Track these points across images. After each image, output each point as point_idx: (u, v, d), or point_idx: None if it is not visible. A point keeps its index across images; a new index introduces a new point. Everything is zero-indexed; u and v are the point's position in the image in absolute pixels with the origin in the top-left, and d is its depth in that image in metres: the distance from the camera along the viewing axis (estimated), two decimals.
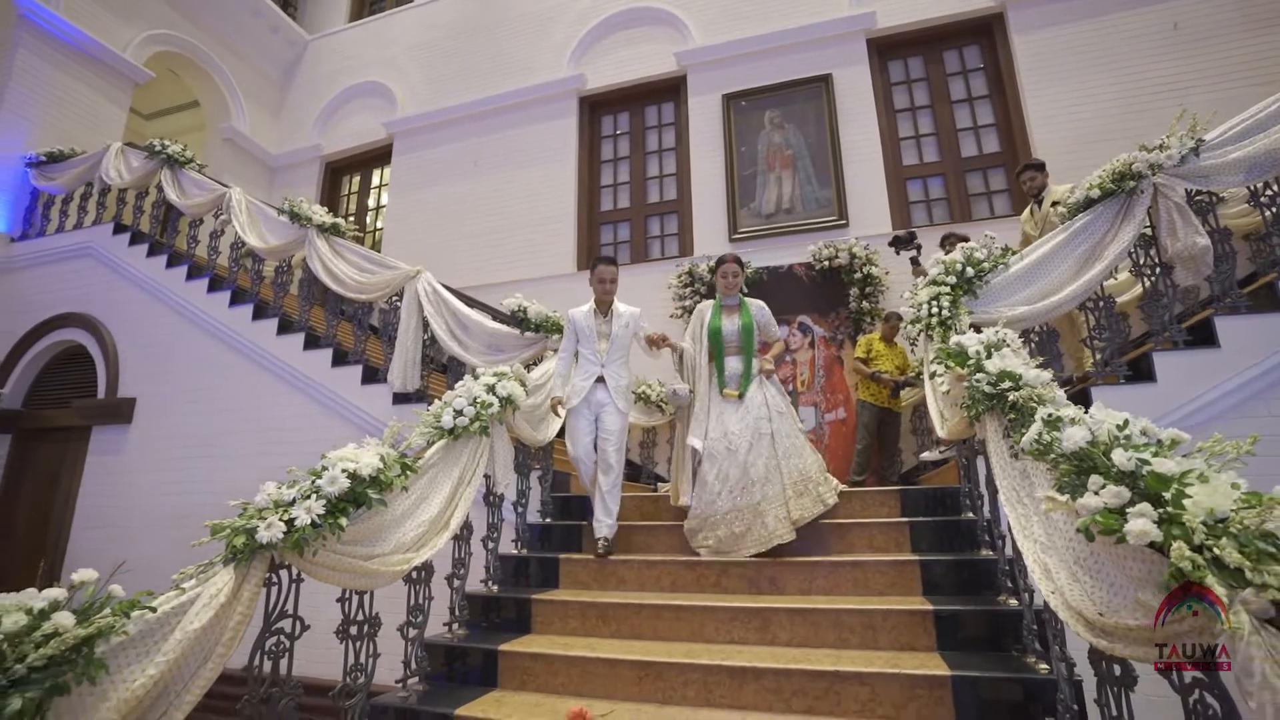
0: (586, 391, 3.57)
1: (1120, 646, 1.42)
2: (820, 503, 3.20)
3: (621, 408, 3.61)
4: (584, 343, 3.68)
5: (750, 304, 3.68)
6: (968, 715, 2.08)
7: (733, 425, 3.31)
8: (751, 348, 3.52)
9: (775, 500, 3.13)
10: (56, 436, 5.89)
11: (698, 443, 3.40)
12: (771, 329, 3.71)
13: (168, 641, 1.70)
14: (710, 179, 7.05)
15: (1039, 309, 3.27)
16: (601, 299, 3.72)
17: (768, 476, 3.17)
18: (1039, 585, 1.69)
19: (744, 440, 3.25)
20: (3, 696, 1.41)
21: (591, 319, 3.70)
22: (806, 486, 3.20)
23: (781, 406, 3.43)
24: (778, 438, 3.28)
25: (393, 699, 2.48)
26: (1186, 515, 1.22)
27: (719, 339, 3.57)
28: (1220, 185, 3.25)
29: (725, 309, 3.68)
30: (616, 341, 3.66)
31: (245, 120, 9.01)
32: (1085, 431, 1.55)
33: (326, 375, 4.70)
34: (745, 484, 3.17)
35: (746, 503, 3.14)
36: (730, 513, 3.17)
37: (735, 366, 3.52)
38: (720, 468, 3.25)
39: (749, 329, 3.55)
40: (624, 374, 3.68)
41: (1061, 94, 6.08)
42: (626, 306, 3.79)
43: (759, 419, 3.31)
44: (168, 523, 4.91)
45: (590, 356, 3.65)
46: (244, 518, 2.01)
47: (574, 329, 3.70)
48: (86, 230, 6.19)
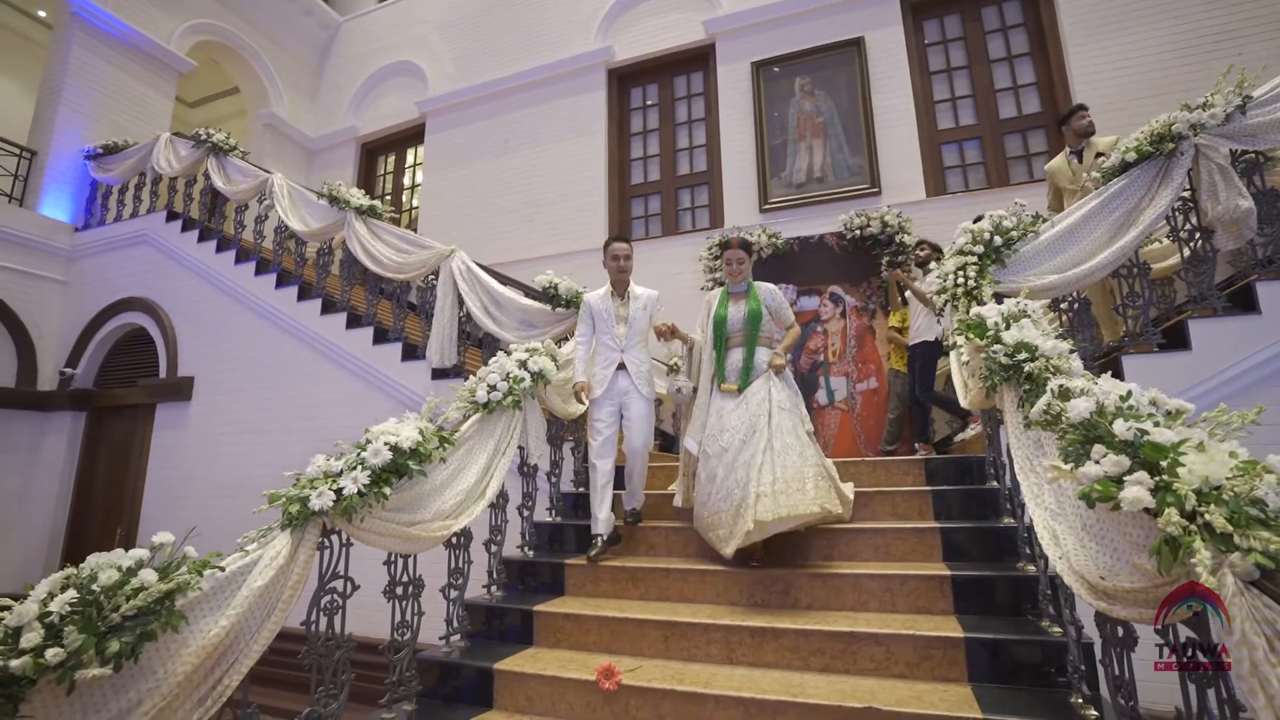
0: (609, 380, 3.42)
1: (1119, 609, 1.48)
2: (817, 504, 2.75)
3: (645, 393, 3.46)
4: (601, 328, 3.51)
5: (760, 288, 3.35)
6: (979, 675, 2.16)
7: (729, 421, 3.05)
8: (756, 338, 3.21)
9: (752, 498, 2.78)
10: (126, 413, 6.33)
11: (693, 445, 3.20)
12: (784, 315, 3.35)
13: (236, 597, 1.90)
14: (740, 149, 6.98)
15: (1070, 277, 3.22)
16: (617, 279, 3.58)
17: (760, 470, 2.83)
18: (1048, 550, 1.74)
19: (737, 437, 2.97)
20: (103, 640, 1.61)
21: (608, 302, 3.54)
22: (803, 485, 2.79)
23: (785, 402, 3.07)
24: (776, 433, 2.93)
25: (436, 654, 2.68)
26: (1179, 484, 1.26)
27: (722, 328, 3.28)
28: (1269, 144, 3.12)
29: (733, 296, 3.38)
30: (635, 325, 3.50)
31: (284, 105, 9.25)
32: (1091, 402, 1.58)
33: (368, 352, 4.92)
34: (731, 486, 2.89)
35: (728, 505, 2.88)
36: (715, 515, 2.94)
37: (736, 359, 3.23)
38: (710, 467, 3.03)
39: (755, 316, 3.22)
40: (644, 358, 3.54)
41: (1107, 49, 5.81)
42: (644, 289, 3.64)
43: (756, 414, 3.00)
44: (225, 491, 5.26)
45: (609, 342, 3.48)
46: (298, 487, 2.19)
47: (590, 314, 3.55)
48: (142, 219, 6.53)
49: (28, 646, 1.51)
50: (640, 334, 3.53)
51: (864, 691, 2.09)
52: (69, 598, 1.63)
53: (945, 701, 2.00)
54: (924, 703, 1.99)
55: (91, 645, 1.59)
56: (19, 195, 6.79)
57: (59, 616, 1.60)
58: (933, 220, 5.81)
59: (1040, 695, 2.04)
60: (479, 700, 2.50)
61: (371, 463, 2.26)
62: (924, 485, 3.32)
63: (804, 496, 2.75)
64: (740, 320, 3.25)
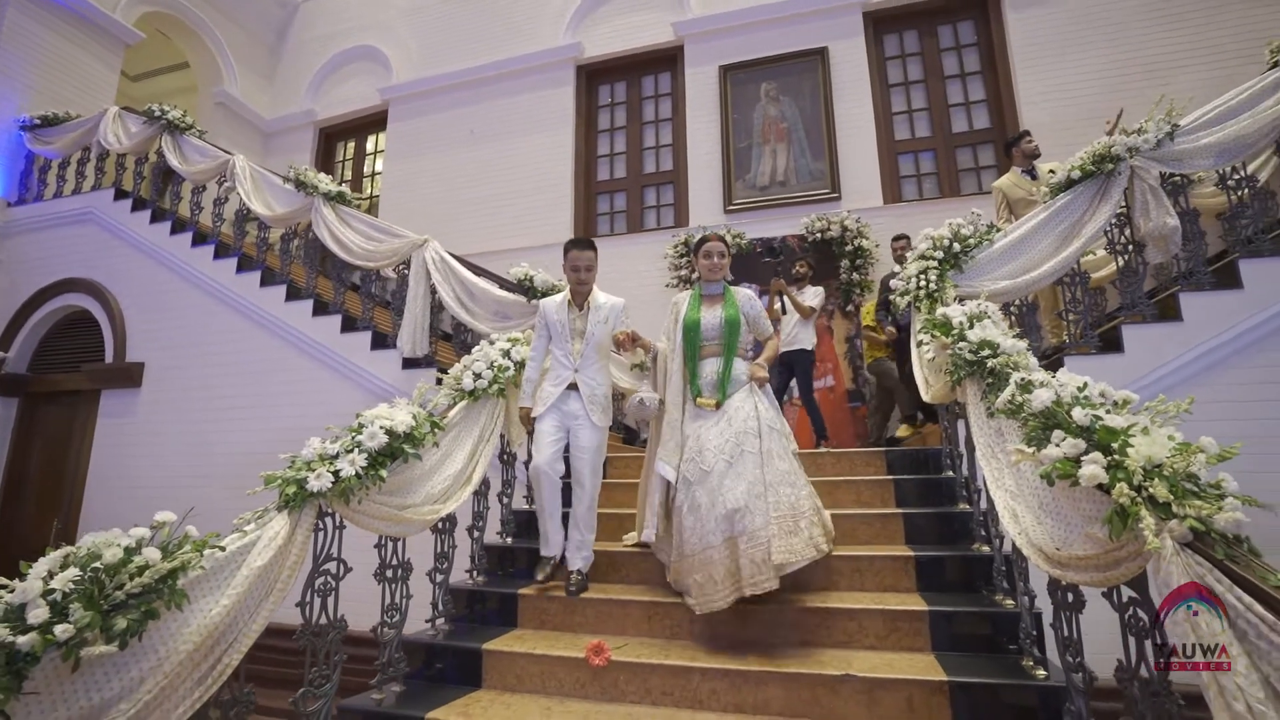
0: (555, 399, 3.01)
1: (1072, 574, 1.68)
2: (813, 546, 2.49)
3: (598, 422, 3.01)
4: (556, 340, 3.08)
5: (737, 293, 3.01)
6: (942, 644, 2.36)
7: (710, 441, 2.65)
8: (735, 347, 2.87)
9: (755, 538, 2.42)
10: (64, 400, 6.01)
11: (669, 471, 2.77)
12: (763, 325, 3.01)
13: (236, 576, 1.91)
14: (706, 150, 7.15)
15: (1020, 283, 3.49)
16: (577, 291, 3.14)
17: (749, 506, 2.46)
18: (1008, 528, 1.93)
19: (722, 459, 2.59)
20: (108, 618, 1.61)
21: (565, 312, 3.09)
22: (797, 524, 2.49)
23: (775, 421, 2.75)
24: (767, 459, 2.58)
25: (423, 636, 2.72)
26: (1129, 461, 1.45)
27: (695, 335, 2.91)
28: (1192, 168, 3.46)
29: (706, 299, 3.02)
30: (593, 340, 3.06)
31: (237, 84, 8.91)
32: (1051, 393, 1.78)
33: (336, 341, 4.85)
34: (718, 515, 2.49)
35: (721, 538, 2.48)
36: (703, 552, 2.50)
37: (713, 370, 2.87)
38: (692, 495, 2.61)
39: (733, 323, 2.88)
40: (602, 380, 3.07)
41: (1052, 72, 6.22)
42: (608, 297, 3.18)
43: (743, 434, 2.63)
44: (183, 481, 5.09)
45: (563, 358, 3.05)
46: (293, 469, 2.20)
47: (545, 323, 3.11)
48: (86, 195, 6.21)
49: (35, 623, 1.51)
50: (598, 350, 3.09)
51: (840, 660, 2.26)
52: (71, 575, 1.63)
53: (913, 668, 2.18)
54: (894, 669, 2.17)
55: (98, 622, 1.59)
56: None
57: (62, 594, 1.59)
58: (890, 226, 6.09)
59: (996, 660, 2.25)
60: (467, 680, 2.55)
61: (368, 445, 2.29)
62: (885, 475, 3.54)
63: (798, 539, 2.46)
64: (716, 326, 2.90)
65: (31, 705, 1.51)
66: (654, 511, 2.89)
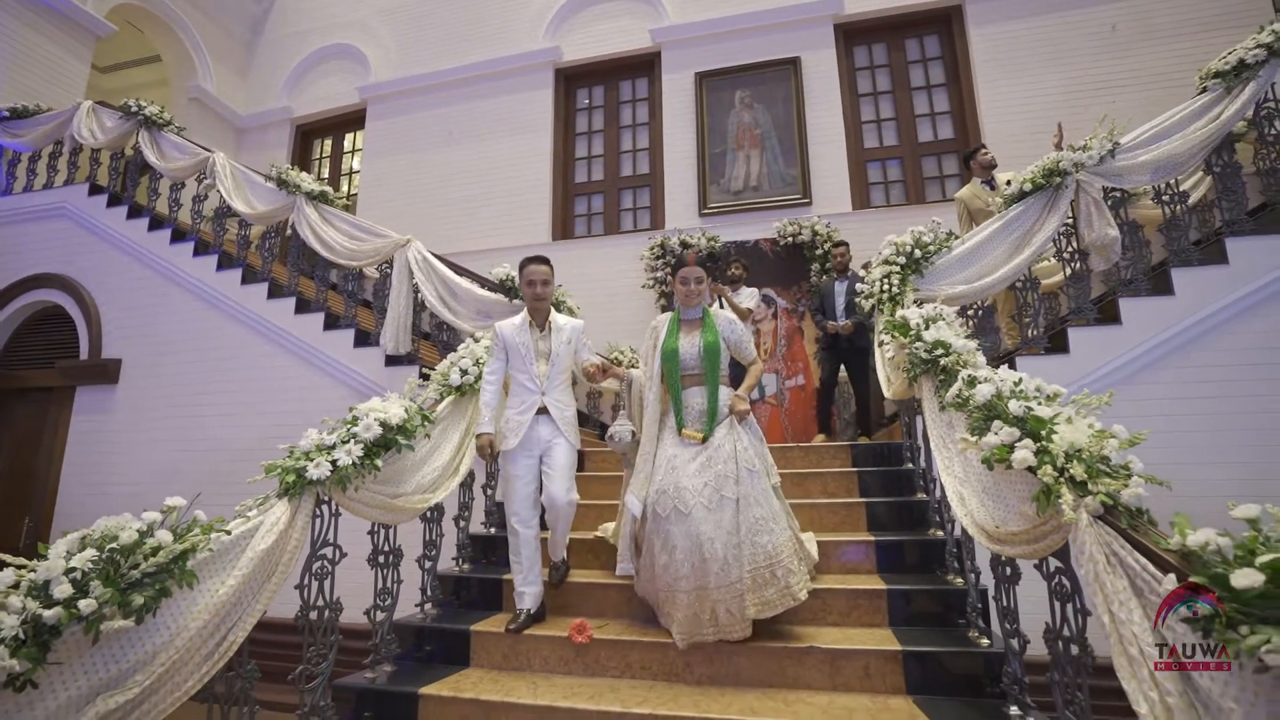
0: (525, 427, 2.84)
1: (1009, 549, 1.89)
2: (789, 596, 2.41)
3: (572, 440, 2.91)
4: (516, 365, 2.93)
5: (717, 317, 2.86)
6: (898, 620, 2.57)
7: (687, 479, 2.53)
8: (718, 375, 2.74)
9: (730, 591, 2.40)
10: (36, 396, 5.94)
11: (635, 504, 2.65)
12: (746, 349, 2.87)
13: (242, 558, 2.03)
14: (682, 155, 7.33)
15: (976, 288, 3.74)
16: (534, 307, 3.02)
17: (726, 560, 2.40)
18: (955, 510, 2.14)
19: (699, 502, 2.48)
20: (125, 595, 1.72)
21: (525, 334, 2.95)
22: (774, 573, 2.41)
23: (754, 462, 2.61)
24: (744, 506, 2.49)
25: (413, 619, 2.85)
26: (1053, 446, 1.66)
27: (675, 363, 2.77)
28: (1131, 184, 3.74)
29: (685, 324, 2.87)
30: (558, 362, 2.94)
31: (211, 79, 8.84)
32: (993, 388, 1.99)
33: (319, 338, 4.91)
34: (696, 561, 2.43)
35: (697, 584, 2.43)
36: (680, 594, 2.46)
37: (698, 401, 2.73)
38: (666, 534, 2.50)
39: (713, 350, 2.73)
40: (569, 402, 2.98)
41: (1013, 86, 6.54)
42: (567, 318, 3.10)
43: (722, 477, 2.52)
44: (158, 479, 5.10)
45: (527, 383, 2.90)
46: (292, 459, 2.32)
47: (503, 347, 2.96)
48: (59, 190, 6.14)
49: (60, 598, 1.61)
50: (564, 372, 2.98)
51: (805, 635, 2.46)
52: (89, 555, 1.73)
53: (871, 640, 2.39)
54: (853, 641, 2.38)
55: (117, 599, 1.70)
56: None
57: (82, 573, 1.70)
58: (857, 231, 6.35)
59: (945, 632, 2.46)
60: (456, 660, 2.69)
61: (363, 437, 2.41)
62: (850, 467, 3.75)
63: (773, 589, 2.41)
64: (697, 354, 2.76)
65: (55, 675, 1.62)
66: (629, 544, 2.82)
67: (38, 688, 1.57)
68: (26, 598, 1.59)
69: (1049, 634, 1.80)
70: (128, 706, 1.71)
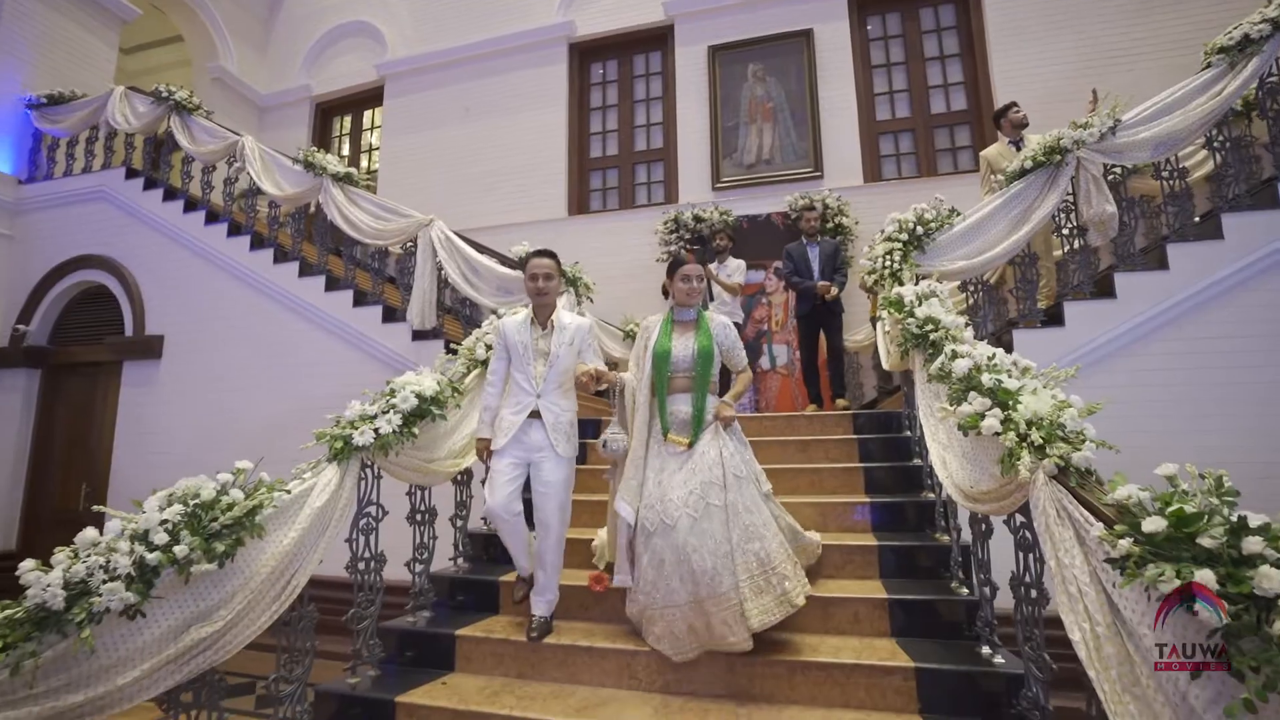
0: (516, 429, 2.72)
1: (982, 506, 2.11)
2: (786, 603, 2.35)
3: (564, 453, 2.76)
4: (516, 364, 2.81)
5: (712, 321, 2.79)
6: (888, 572, 2.82)
7: (674, 491, 2.49)
8: (709, 380, 2.69)
9: (724, 601, 2.32)
10: (86, 371, 6.33)
11: (628, 511, 2.58)
12: (737, 356, 2.83)
13: (300, 514, 2.31)
14: (695, 128, 7.42)
15: (976, 263, 3.88)
16: (537, 302, 2.89)
17: (715, 569, 2.35)
18: (939, 473, 2.36)
19: (684, 513, 2.43)
20: (209, 543, 2.01)
21: (526, 332, 2.84)
22: (769, 580, 2.37)
23: (740, 468, 2.57)
24: (733, 513, 2.44)
25: (447, 572, 3.15)
26: (1016, 415, 1.86)
27: (665, 366, 2.69)
28: (1131, 160, 3.83)
29: (678, 325, 2.80)
30: (557, 364, 2.79)
31: (233, 59, 9.02)
32: (970, 361, 2.18)
33: (348, 314, 5.18)
34: (683, 574, 2.39)
35: (687, 598, 2.38)
36: (668, 609, 2.41)
37: (683, 406, 2.67)
38: (654, 548, 2.47)
39: (707, 354, 2.68)
40: (567, 406, 2.83)
41: (1027, 55, 6.51)
42: (573, 316, 2.94)
43: (708, 484, 2.48)
44: (204, 446, 5.46)
45: (524, 383, 2.78)
46: (339, 428, 2.59)
47: (505, 344, 2.85)
48: (97, 174, 6.43)
49: (159, 544, 1.91)
50: (563, 375, 2.83)
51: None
52: (177, 510, 2.02)
53: (861, 590, 2.64)
54: (846, 590, 2.63)
55: (202, 545, 1.99)
56: None
57: (173, 524, 1.99)
58: (868, 204, 6.45)
59: (930, 584, 2.71)
60: (486, 607, 2.99)
61: (401, 407, 2.68)
62: (851, 434, 3.96)
63: (769, 596, 2.35)
64: (689, 357, 2.70)
65: (157, 608, 1.92)
66: (624, 554, 2.64)
67: (145, 617, 1.87)
68: (133, 543, 1.88)
69: (1014, 580, 2.03)
70: (214, 636, 2.01)
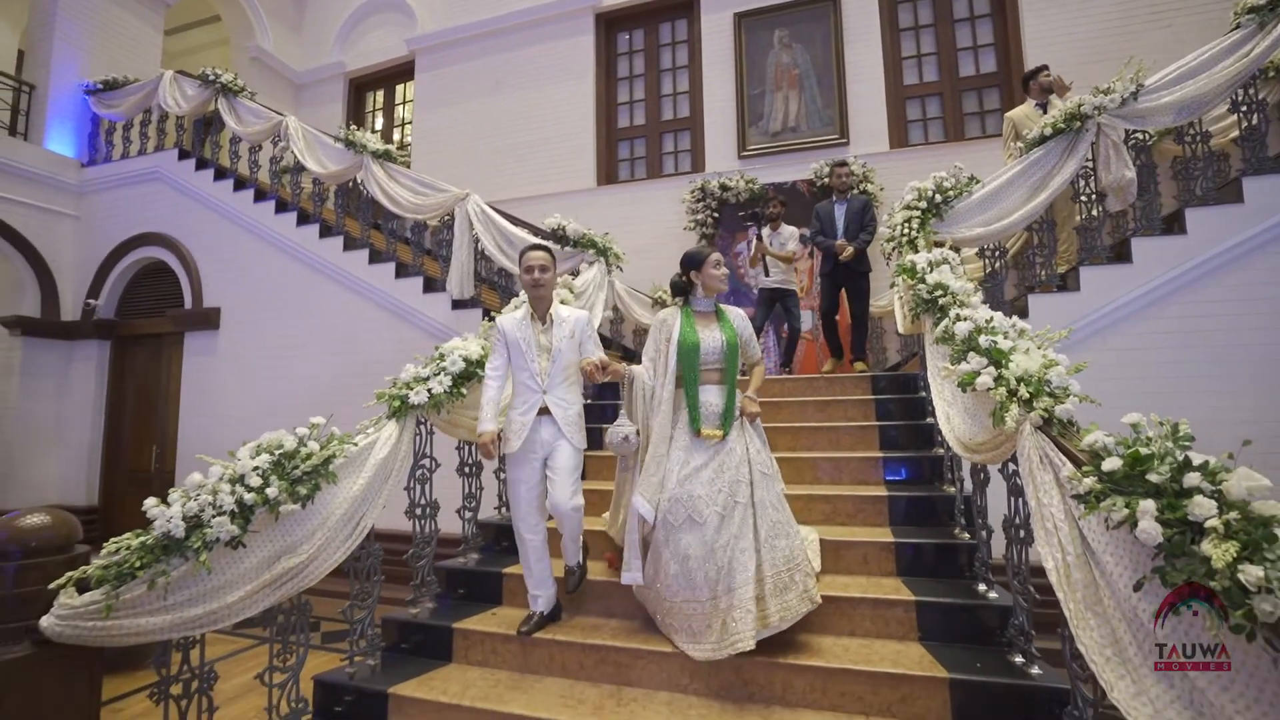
0: (528, 429, 2.69)
1: (978, 456, 2.31)
2: (808, 599, 2.38)
3: (576, 443, 2.73)
4: (518, 362, 2.77)
5: (731, 313, 2.80)
6: (897, 520, 3.04)
7: (700, 487, 2.48)
8: (735, 373, 2.69)
9: (746, 600, 2.32)
10: (150, 342, 6.81)
11: (647, 509, 2.53)
12: (753, 348, 2.81)
13: (366, 464, 2.62)
14: (721, 97, 7.48)
15: (994, 229, 3.98)
16: (535, 297, 2.84)
17: (744, 565, 2.37)
18: (943, 427, 2.55)
19: (714, 509, 2.43)
20: (293, 487, 2.32)
21: (527, 328, 2.79)
22: (792, 577, 2.39)
23: (766, 465, 2.59)
24: (760, 510, 2.46)
25: (493, 520, 3.47)
26: (1006, 373, 2.04)
27: (694, 359, 2.64)
28: (1154, 125, 3.86)
29: (699, 317, 2.76)
30: (560, 358, 2.75)
31: (269, 38, 9.28)
32: (970, 324, 2.36)
33: (391, 285, 5.49)
34: (709, 571, 2.38)
35: (708, 595, 2.38)
36: (688, 604, 2.42)
37: (714, 400, 2.64)
38: (678, 543, 2.45)
39: (734, 346, 2.68)
40: (574, 399, 2.79)
41: (1059, 14, 6.39)
42: (570, 310, 2.90)
43: (736, 481, 2.48)
44: (262, 410, 5.88)
45: (528, 380, 2.74)
46: (396, 389, 2.88)
47: (504, 342, 2.79)
48: (152, 156, 6.81)
49: (254, 485, 2.23)
50: (568, 368, 2.78)
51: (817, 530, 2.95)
52: (265, 459, 2.34)
53: (870, 535, 2.88)
54: (856, 535, 2.86)
55: (288, 489, 2.31)
56: (22, 130, 6.96)
57: (263, 471, 2.30)
58: (895, 170, 6.49)
59: (935, 530, 2.93)
60: None
61: (451, 370, 2.96)
62: (870, 395, 4.15)
63: (792, 593, 2.36)
64: (717, 350, 2.67)
65: (253, 540, 2.25)
66: (636, 551, 2.59)
67: (245, 548, 2.20)
68: (233, 485, 2.21)
69: (1005, 522, 2.23)
70: (299, 566, 2.34)
